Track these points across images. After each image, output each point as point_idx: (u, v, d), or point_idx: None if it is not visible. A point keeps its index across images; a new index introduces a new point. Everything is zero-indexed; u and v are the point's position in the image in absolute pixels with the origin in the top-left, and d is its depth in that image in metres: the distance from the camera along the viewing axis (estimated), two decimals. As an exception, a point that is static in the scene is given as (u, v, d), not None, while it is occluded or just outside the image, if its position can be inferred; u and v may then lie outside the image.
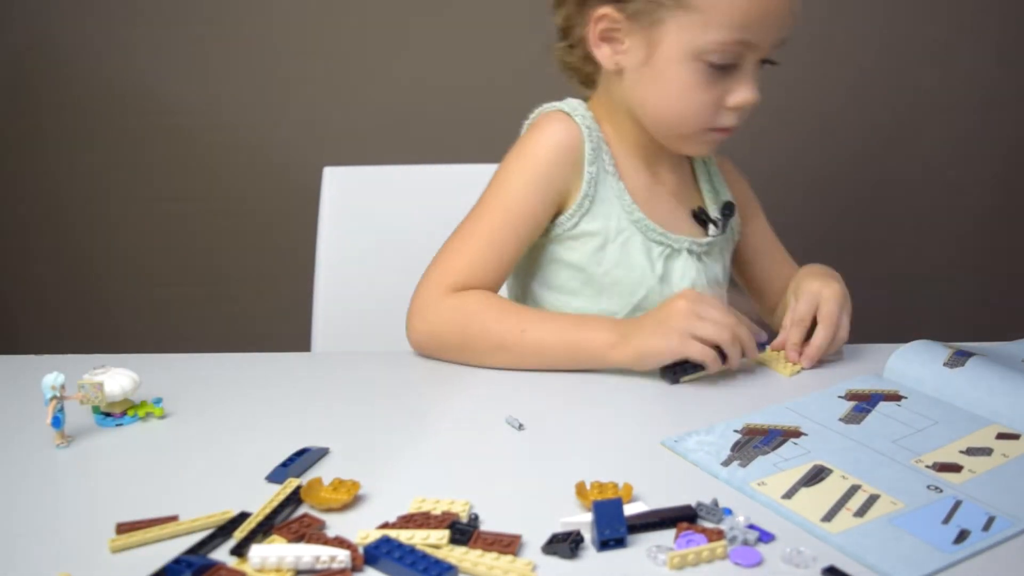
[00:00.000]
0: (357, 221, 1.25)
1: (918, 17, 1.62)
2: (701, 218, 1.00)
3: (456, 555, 0.54)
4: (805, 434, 0.71)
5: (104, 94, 1.66)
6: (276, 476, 0.64)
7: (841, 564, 0.54)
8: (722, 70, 0.86)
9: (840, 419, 0.74)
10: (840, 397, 0.79)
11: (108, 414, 0.74)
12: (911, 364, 0.82)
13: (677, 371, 0.81)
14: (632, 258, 0.94)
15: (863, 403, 0.77)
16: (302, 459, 0.66)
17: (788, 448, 0.69)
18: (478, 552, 0.54)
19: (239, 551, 0.55)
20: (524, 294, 1.01)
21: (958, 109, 1.66)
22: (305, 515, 0.59)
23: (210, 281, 1.76)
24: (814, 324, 0.88)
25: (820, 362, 0.87)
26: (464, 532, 0.56)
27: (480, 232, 0.91)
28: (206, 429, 0.74)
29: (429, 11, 1.61)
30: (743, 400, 0.79)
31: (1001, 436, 0.71)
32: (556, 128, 0.93)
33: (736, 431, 0.72)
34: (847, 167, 1.70)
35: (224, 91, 1.65)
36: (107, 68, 1.64)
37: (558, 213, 0.94)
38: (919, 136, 1.68)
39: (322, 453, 0.69)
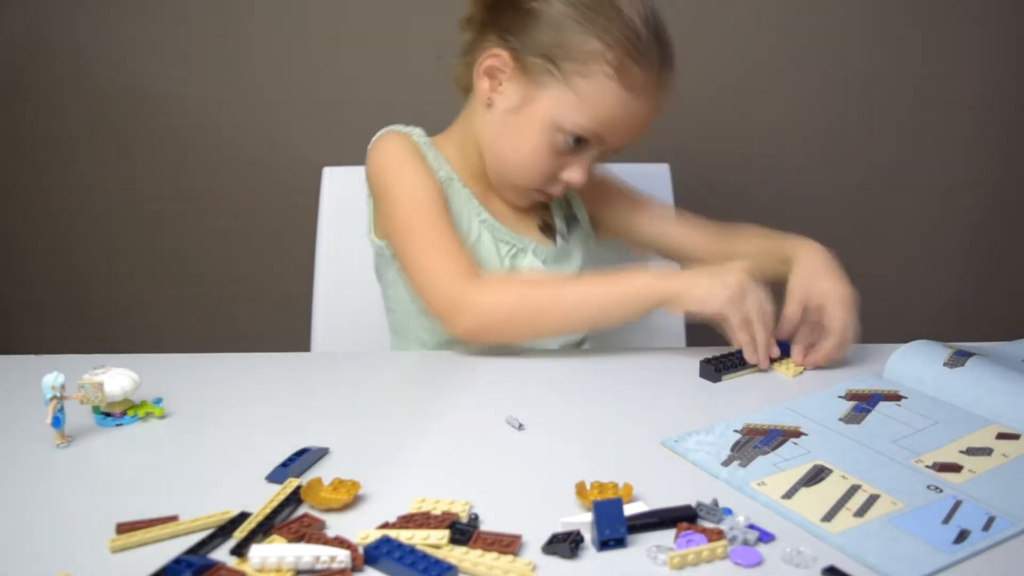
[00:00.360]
0: (357, 221, 1.25)
1: (918, 16, 1.62)
2: (548, 230, 1.05)
3: (456, 555, 0.54)
4: (805, 434, 0.71)
5: (104, 94, 1.66)
6: (276, 476, 0.64)
7: (841, 564, 0.54)
8: (570, 148, 0.93)
9: (840, 419, 0.74)
10: (840, 397, 0.79)
11: (108, 414, 0.74)
12: (911, 364, 0.82)
13: (720, 367, 0.83)
14: (482, 255, 0.99)
15: (863, 403, 0.77)
16: (302, 459, 0.66)
17: (788, 448, 0.69)
18: (478, 552, 0.54)
19: (239, 551, 0.55)
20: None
21: (959, 108, 1.66)
22: (305, 515, 0.59)
23: (210, 281, 1.76)
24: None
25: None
26: (464, 532, 0.56)
27: (434, 232, 0.93)
28: (206, 429, 0.74)
29: (430, 11, 1.61)
30: (743, 400, 0.79)
31: (1001, 436, 0.71)
32: (395, 140, 1.01)
33: (736, 431, 0.72)
34: (846, 166, 1.70)
35: (224, 91, 1.65)
36: (106, 68, 1.64)
37: None
38: (919, 135, 1.68)
39: (322, 453, 0.69)
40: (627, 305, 0.87)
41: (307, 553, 0.53)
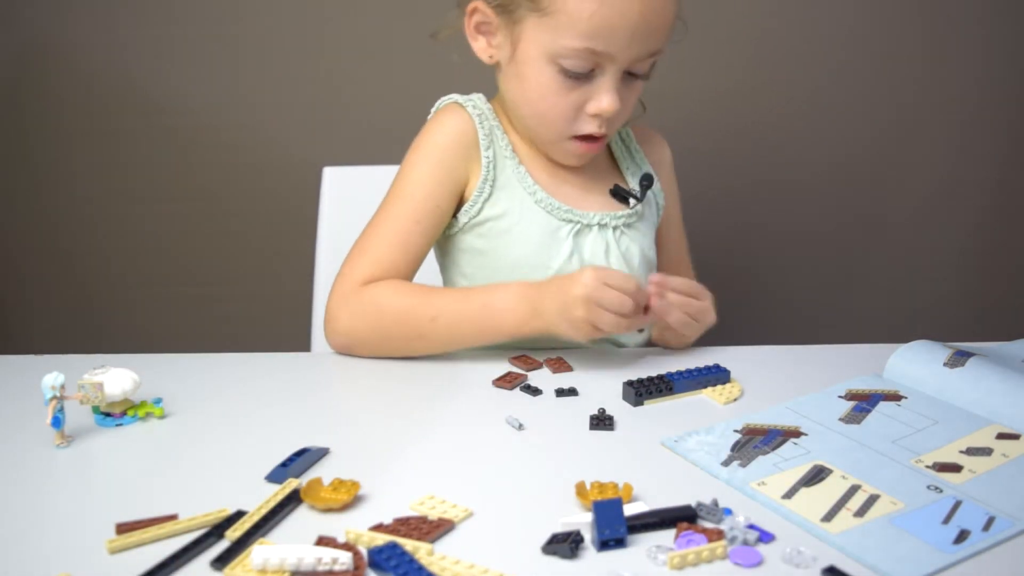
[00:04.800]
0: (357, 221, 1.25)
1: (919, 15, 1.62)
2: (620, 194, 0.99)
3: (448, 565, 0.54)
4: (805, 434, 0.71)
5: (105, 94, 1.66)
6: (276, 476, 0.64)
7: (841, 564, 0.54)
8: (580, 77, 0.88)
9: (840, 419, 0.74)
10: (840, 397, 0.79)
11: (108, 414, 0.74)
12: (911, 364, 0.82)
13: (640, 392, 0.78)
14: (536, 238, 0.94)
15: (863, 403, 0.77)
16: (302, 459, 0.66)
17: (788, 448, 0.69)
18: (468, 563, 0.54)
19: (225, 559, 0.54)
20: (446, 284, 1.03)
21: (959, 108, 1.66)
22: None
23: (210, 281, 1.76)
24: None
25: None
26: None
27: (385, 228, 0.94)
28: (206, 429, 0.74)
29: (429, 11, 1.61)
30: (743, 400, 0.79)
31: (1001, 436, 0.71)
32: (447, 119, 0.96)
33: (736, 431, 0.72)
34: (847, 167, 1.70)
35: (224, 91, 1.65)
36: (107, 68, 1.64)
37: (462, 202, 0.96)
38: (919, 135, 1.68)
39: (322, 453, 0.69)
40: (494, 332, 0.87)
41: (309, 554, 0.53)
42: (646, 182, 0.99)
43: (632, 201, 0.98)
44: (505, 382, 0.82)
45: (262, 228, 1.72)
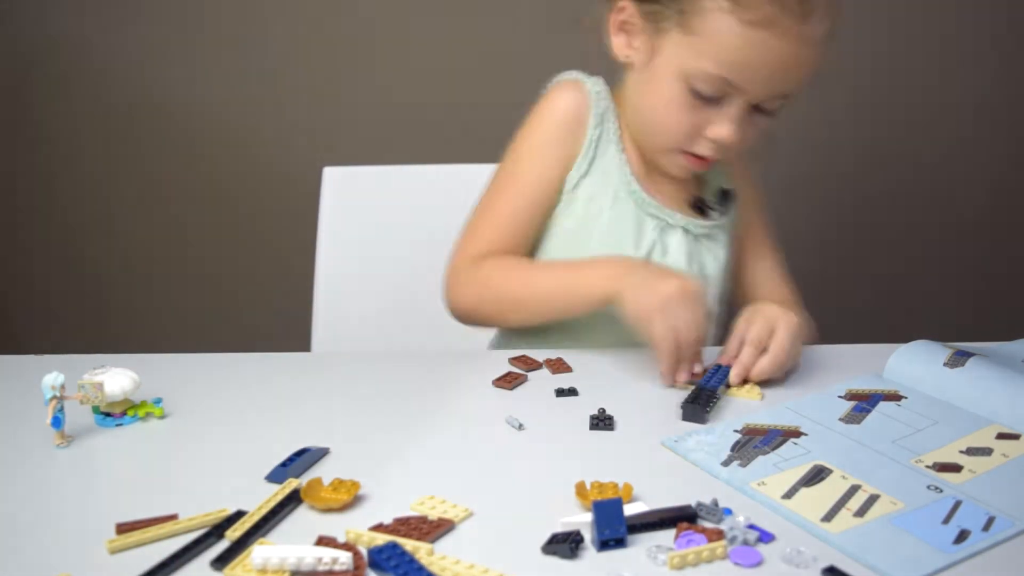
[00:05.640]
0: (357, 221, 1.25)
1: (914, 17, 1.62)
2: (700, 207, 1.00)
3: (449, 565, 0.54)
4: (805, 434, 0.71)
5: (105, 94, 1.66)
6: (276, 476, 0.64)
7: (841, 564, 0.54)
8: (707, 100, 0.87)
9: (840, 419, 0.74)
10: (840, 397, 0.79)
11: (108, 414, 0.74)
12: (911, 364, 0.82)
13: (704, 405, 0.75)
14: (622, 229, 0.95)
15: (863, 403, 0.77)
16: (302, 459, 0.66)
17: (788, 448, 0.69)
18: (468, 563, 0.54)
19: (225, 559, 0.54)
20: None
21: (958, 108, 1.66)
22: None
23: (210, 281, 1.76)
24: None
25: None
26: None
27: (497, 207, 0.96)
28: (206, 429, 0.74)
29: (429, 11, 1.62)
30: (743, 400, 0.79)
31: (1001, 436, 0.71)
32: (563, 95, 0.97)
33: (736, 431, 0.72)
34: (847, 168, 1.70)
35: (224, 91, 1.65)
36: (108, 68, 1.64)
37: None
38: (919, 136, 1.68)
39: (322, 453, 0.69)
40: (583, 300, 0.88)
41: (309, 554, 0.53)
42: (726, 198, 1.01)
43: (713, 214, 0.99)
44: (505, 382, 0.82)
45: (262, 228, 1.72)
